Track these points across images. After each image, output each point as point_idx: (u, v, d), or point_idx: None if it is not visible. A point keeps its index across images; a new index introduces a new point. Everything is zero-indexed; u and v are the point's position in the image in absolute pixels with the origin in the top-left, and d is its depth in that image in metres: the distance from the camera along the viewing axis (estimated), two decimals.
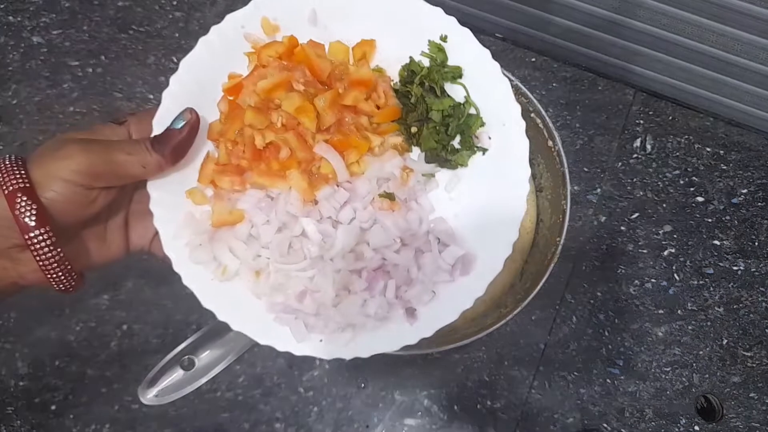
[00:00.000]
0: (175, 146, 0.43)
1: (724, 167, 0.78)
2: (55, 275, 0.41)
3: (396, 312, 0.48)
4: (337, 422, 0.69)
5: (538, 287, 0.56)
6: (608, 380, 0.71)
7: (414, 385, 0.70)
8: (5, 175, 0.38)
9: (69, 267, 0.41)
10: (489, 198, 0.49)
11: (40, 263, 0.39)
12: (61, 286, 0.42)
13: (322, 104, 0.47)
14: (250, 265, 0.47)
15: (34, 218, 0.38)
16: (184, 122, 0.43)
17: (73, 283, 0.42)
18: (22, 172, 0.38)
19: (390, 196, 0.48)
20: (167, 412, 0.69)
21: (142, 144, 0.42)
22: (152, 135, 0.44)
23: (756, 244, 0.76)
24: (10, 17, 0.84)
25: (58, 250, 0.40)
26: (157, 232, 0.45)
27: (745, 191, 0.78)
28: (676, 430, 0.70)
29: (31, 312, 0.72)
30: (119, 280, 0.73)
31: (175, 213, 0.46)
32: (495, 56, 0.71)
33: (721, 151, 0.79)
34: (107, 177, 0.41)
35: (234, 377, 0.70)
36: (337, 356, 0.46)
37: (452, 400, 0.70)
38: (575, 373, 0.71)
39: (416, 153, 0.51)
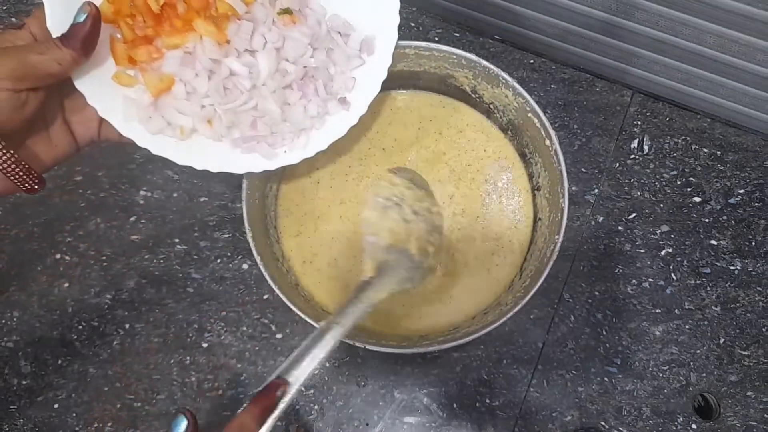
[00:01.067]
0: (83, 39, 0.44)
1: (722, 168, 0.79)
2: (16, 176, 0.44)
3: (332, 105, 0.57)
4: (337, 420, 0.70)
5: (538, 284, 0.56)
6: (606, 379, 0.71)
7: (413, 384, 0.71)
8: None
9: (27, 166, 0.45)
10: None
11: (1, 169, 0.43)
12: (25, 185, 0.45)
13: None
14: (200, 116, 0.52)
15: None
16: (85, 15, 0.44)
17: (36, 183, 0.46)
18: None
19: (287, 11, 0.53)
20: (168, 411, 0.70)
21: (52, 42, 0.43)
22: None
23: (753, 244, 0.76)
24: (13, 18, 0.85)
25: (11, 152, 0.43)
26: (100, 121, 0.49)
27: (742, 191, 0.78)
28: (674, 428, 0.70)
29: (34, 311, 0.73)
30: (121, 279, 0.74)
31: (114, 100, 0.49)
32: (494, 58, 0.72)
33: (719, 152, 0.80)
34: (29, 78, 0.42)
35: (235, 376, 0.71)
36: (303, 157, 0.57)
37: (451, 398, 0.70)
38: (573, 371, 0.72)
39: None
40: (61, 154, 0.49)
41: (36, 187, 0.46)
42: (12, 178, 0.44)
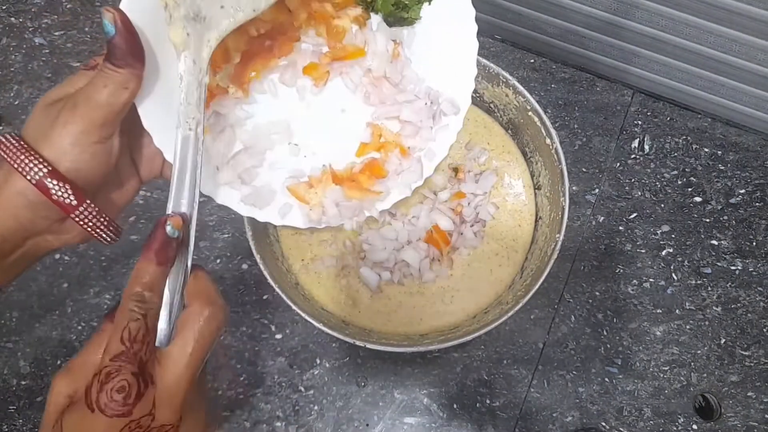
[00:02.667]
0: (129, 50, 0.40)
1: (722, 167, 0.79)
2: (101, 234, 0.43)
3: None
4: (337, 421, 0.70)
5: (539, 283, 0.56)
6: (607, 379, 0.71)
7: (414, 384, 0.71)
8: (24, 164, 0.38)
9: (108, 219, 0.43)
10: (444, 44, 0.53)
11: (89, 230, 0.42)
12: (107, 241, 0.43)
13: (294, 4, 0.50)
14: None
15: (72, 197, 0.39)
16: (112, 25, 0.39)
17: (115, 234, 0.44)
18: (38, 156, 0.38)
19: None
20: None
21: (107, 70, 0.39)
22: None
23: (754, 243, 0.76)
24: (12, 18, 0.85)
25: (104, 215, 0.42)
26: (163, 160, 0.47)
27: (742, 191, 0.78)
28: (674, 428, 0.70)
29: (33, 311, 0.72)
30: (121, 279, 0.74)
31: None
32: (495, 58, 0.72)
33: (719, 152, 0.80)
34: (110, 120, 0.40)
35: (235, 376, 0.71)
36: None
37: (452, 398, 0.70)
38: (574, 372, 0.72)
39: (374, 21, 0.54)
40: (131, 196, 0.47)
41: (116, 239, 0.44)
42: (93, 232, 0.42)
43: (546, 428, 0.70)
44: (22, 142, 0.38)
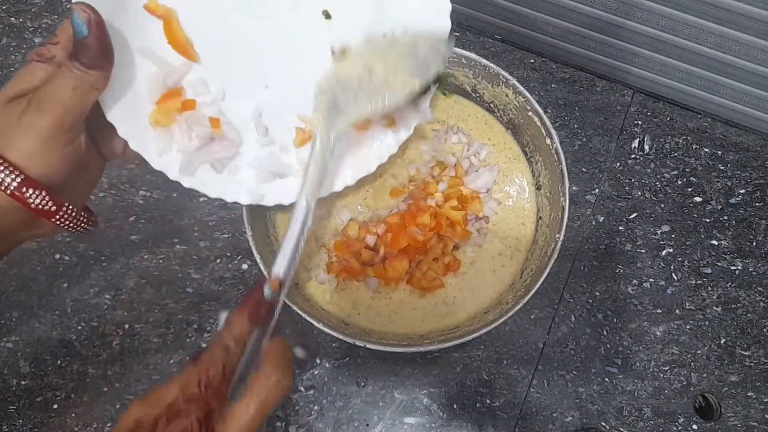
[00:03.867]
0: (101, 52, 0.39)
1: (722, 167, 0.79)
2: (78, 229, 0.43)
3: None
4: (337, 421, 0.70)
5: (539, 283, 0.56)
6: (607, 379, 0.71)
7: (414, 384, 0.71)
8: None
9: (90, 218, 0.44)
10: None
11: (68, 229, 0.42)
12: (82, 231, 0.44)
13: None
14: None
15: (50, 203, 0.39)
16: (85, 25, 0.38)
17: (93, 225, 0.45)
18: (8, 165, 0.37)
19: None
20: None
21: (74, 71, 0.38)
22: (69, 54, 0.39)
23: (754, 243, 0.76)
24: (12, 18, 0.85)
25: (83, 213, 0.42)
26: (125, 143, 0.46)
27: (742, 191, 0.78)
28: (674, 428, 0.70)
29: (33, 311, 0.72)
30: (121, 279, 0.74)
31: (146, 134, 0.47)
32: (494, 58, 0.72)
33: (719, 152, 0.80)
34: (77, 122, 0.39)
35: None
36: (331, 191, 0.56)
37: (452, 398, 0.70)
38: (574, 372, 0.72)
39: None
40: (96, 179, 0.47)
41: (92, 227, 0.45)
42: (72, 230, 0.43)
43: (546, 428, 0.70)
44: None
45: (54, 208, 0.39)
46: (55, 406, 0.70)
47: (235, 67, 0.51)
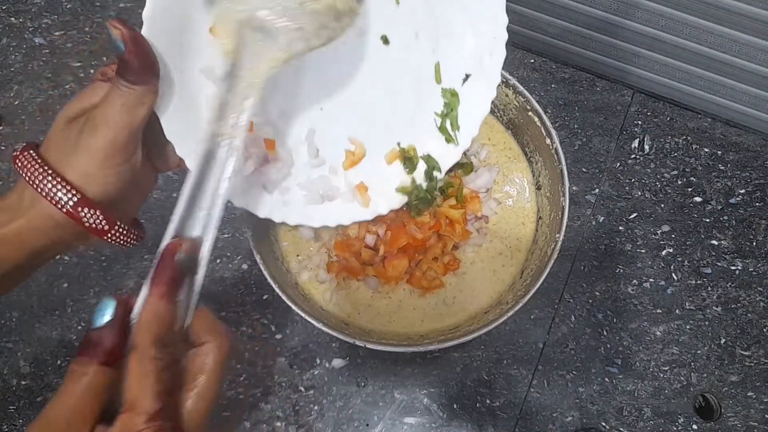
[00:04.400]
0: (140, 67, 0.38)
1: (722, 167, 0.79)
2: (126, 244, 0.43)
3: None
4: (337, 421, 0.70)
5: (539, 283, 0.56)
6: (607, 379, 0.71)
7: (414, 384, 0.71)
8: (53, 192, 0.38)
9: (140, 234, 0.44)
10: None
11: (118, 246, 0.42)
12: (130, 246, 0.44)
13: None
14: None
15: (104, 222, 0.40)
16: (121, 41, 0.37)
17: (141, 239, 0.45)
18: (66, 184, 0.38)
19: None
20: None
21: (121, 87, 0.38)
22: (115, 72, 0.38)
23: (754, 243, 0.76)
24: (12, 18, 0.85)
25: (133, 231, 0.42)
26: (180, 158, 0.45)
27: (742, 191, 0.78)
28: (675, 428, 0.70)
29: (33, 311, 0.72)
30: (121, 279, 0.74)
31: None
32: None
33: (719, 152, 0.80)
34: (132, 139, 0.39)
35: (235, 376, 0.71)
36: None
37: (452, 398, 0.70)
38: (574, 372, 0.72)
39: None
40: (150, 190, 0.46)
41: (139, 241, 0.45)
42: (123, 246, 0.43)
43: (546, 428, 0.70)
44: (46, 168, 0.38)
45: (107, 227, 0.40)
46: None
47: (292, 89, 0.51)
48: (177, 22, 0.42)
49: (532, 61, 0.83)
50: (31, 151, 0.39)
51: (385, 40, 0.50)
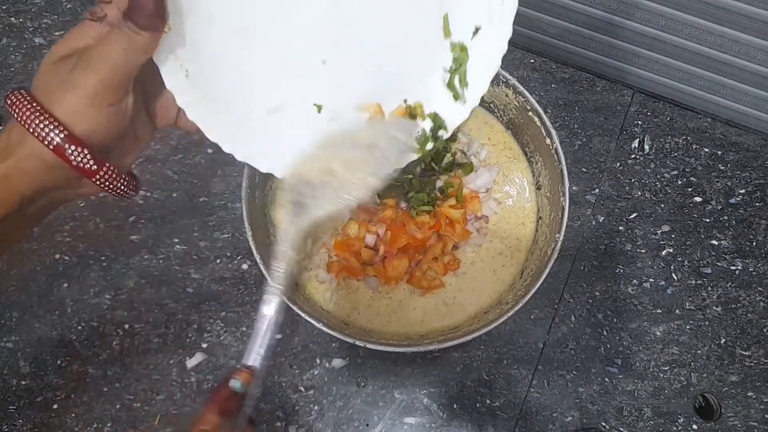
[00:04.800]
0: (154, 12, 0.38)
1: (722, 167, 0.79)
2: (119, 192, 0.43)
3: None
4: (337, 421, 0.70)
5: (539, 283, 0.56)
6: (607, 379, 0.71)
7: (414, 384, 0.71)
8: (40, 128, 0.37)
9: (132, 181, 0.43)
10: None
11: (109, 191, 0.42)
12: (124, 195, 0.44)
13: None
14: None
15: (92, 161, 0.39)
16: None
17: (136, 190, 0.45)
18: (53, 120, 0.37)
19: None
20: (168, 411, 0.70)
21: (127, 30, 0.37)
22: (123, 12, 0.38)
23: (754, 243, 0.76)
24: (12, 18, 0.85)
25: (123, 176, 0.42)
26: (179, 108, 0.45)
27: (742, 191, 0.78)
28: (675, 428, 0.70)
29: (33, 311, 0.72)
30: (121, 279, 0.74)
31: (201, 99, 0.45)
32: None
33: (719, 152, 0.80)
34: (124, 82, 0.39)
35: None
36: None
37: (452, 398, 0.70)
38: (574, 372, 0.72)
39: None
40: (145, 145, 0.46)
41: (134, 193, 0.45)
42: (113, 192, 0.42)
43: (546, 428, 0.70)
44: (35, 104, 0.38)
45: (95, 167, 0.39)
46: (55, 406, 0.70)
47: (295, 47, 0.49)
48: None
49: (532, 61, 0.83)
50: (23, 91, 0.38)
51: None
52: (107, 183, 0.41)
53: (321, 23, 0.49)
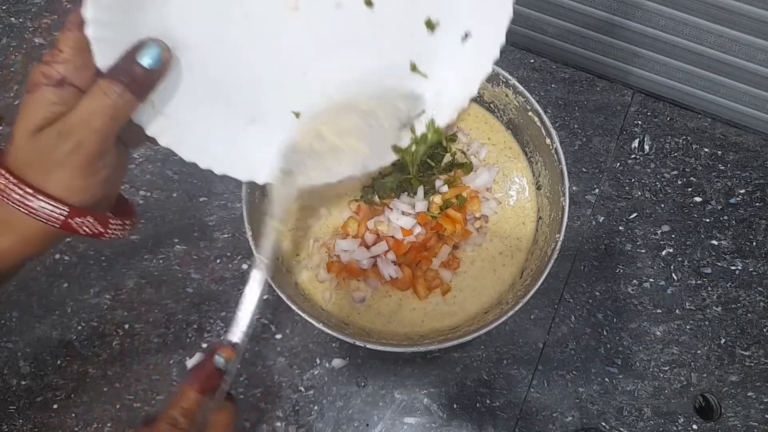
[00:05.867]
0: (152, 84, 0.39)
1: (722, 167, 0.79)
2: (123, 236, 0.43)
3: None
4: (337, 421, 0.70)
5: (539, 283, 0.56)
6: (607, 379, 0.71)
7: (414, 384, 0.71)
8: (43, 211, 0.37)
9: (133, 223, 0.44)
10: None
11: (117, 238, 0.43)
12: (128, 235, 0.45)
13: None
14: None
15: (98, 225, 0.40)
16: (159, 60, 0.38)
17: (134, 225, 0.45)
18: (53, 201, 0.37)
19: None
20: None
21: (112, 96, 0.37)
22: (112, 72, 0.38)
23: (754, 243, 0.76)
24: (12, 18, 0.85)
25: (127, 222, 0.42)
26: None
27: (742, 191, 0.78)
28: (675, 428, 0.70)
29: (33, 311, 0.72)
30: (121, 279, 0.74)
31: (170, 125, 0.45)
32: None
33: (719, 152, 0.79)
34: (110, 145, 0.39)
35: (235, 376, 0.71)
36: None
37: (452, 398, 0.70)
38: (574, 372, 0.71)
39: None
40: (125, 171, 0.45)
41: (131, 228, 0.44)
42: (119, 238, 0.43)
43: (546, 428, 0.70)
44: (27, 189, 0.36)
45: (101, 228, 0.40)
46: (55, 406, 0.70)
47: (277, 61, 0.49)
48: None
49: (532, 61, 0.83)
50: (5, 174, 0.37)
51: (368, 2, 0.47)
52: (115, 235, 0.42)
53: (299, 36, 0.47)
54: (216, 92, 0.47)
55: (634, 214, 0.77)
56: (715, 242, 0.76)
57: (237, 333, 0.45)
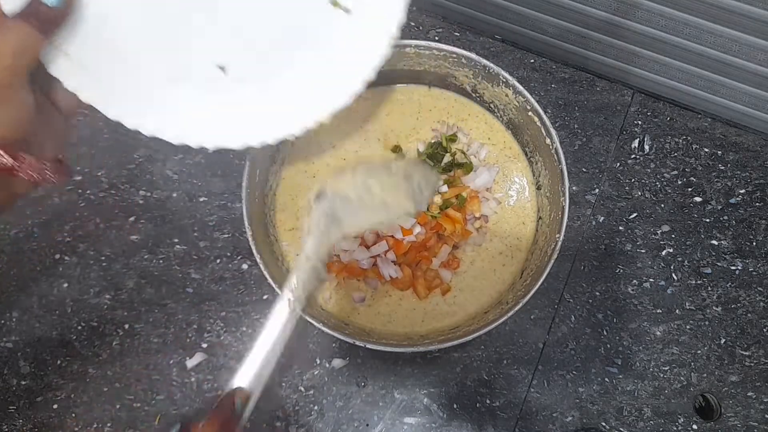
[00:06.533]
0: (61, 23, 0.40)
1: (722, 167, 0.79)
2: (45, 178, 0.43)
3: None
4: (337, 421, 0.70)
5: (539, 283, 0.56)
6: (607, 379, 0.71)
7: (414, 384, 0.71)
8: None
9: (57, 166, 0.44)
10: None
11: (36, 180, 0.43)
12: (54, 182, 0.44)
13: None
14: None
15: (7, 157, 0.40)
16: (60, 0, 0.40)
17: (67, 174, 0.45)
18: None
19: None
20: (168, 411, 0.70)
21: (20, 33, 0.39)
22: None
23: (754, 243, 0.76)
24: None
25: (44, 162, 0.42)
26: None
27: (742, 191, 0.78)
28: (675, 428, 0.70)
29: (33, 311, 0.72)
30: (121, 280, 0.74)
31: (91, 81, 0.45)
32: (494, 58, 0.72)
33: (719, 152, 0.79)
34: (11, 77, 0.39)
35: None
36: (304, 126, 0.52)
37: (452, 398, 0.70)
38: (574, 372, 0.72)
39: None
40: (62, 133, 0.46)
41: (66, 178, 0.45)
42: (41, 180, 0.43)
43: (546, 428, 0.70)
44: None
45: (11, 162, 0.40)
46: (55, 406, 0.70)
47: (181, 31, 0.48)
48: None
49: (532, 61, 0.83)
50: None
51: None
52: (31, 172, 0.42)
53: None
54: (133, 46, 0.47)
55: (634, 214, 0.77)
56: (715, 242, 0.76)
57: (253, 380, 0.45)
